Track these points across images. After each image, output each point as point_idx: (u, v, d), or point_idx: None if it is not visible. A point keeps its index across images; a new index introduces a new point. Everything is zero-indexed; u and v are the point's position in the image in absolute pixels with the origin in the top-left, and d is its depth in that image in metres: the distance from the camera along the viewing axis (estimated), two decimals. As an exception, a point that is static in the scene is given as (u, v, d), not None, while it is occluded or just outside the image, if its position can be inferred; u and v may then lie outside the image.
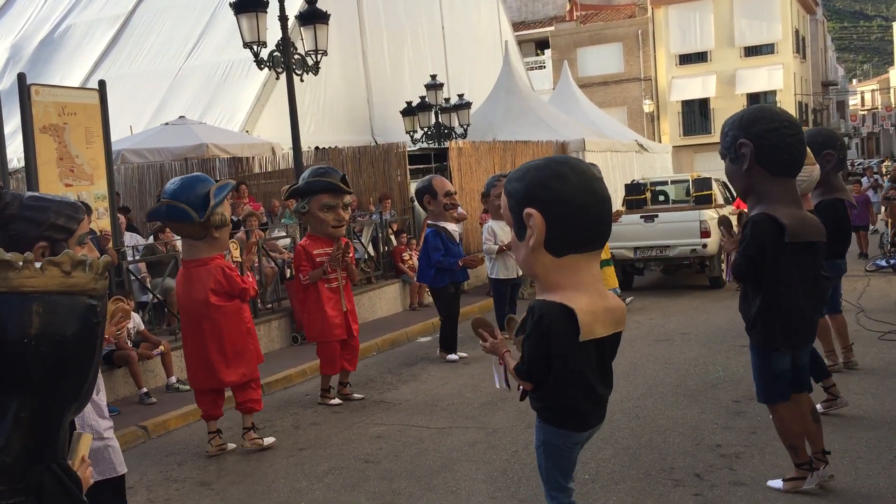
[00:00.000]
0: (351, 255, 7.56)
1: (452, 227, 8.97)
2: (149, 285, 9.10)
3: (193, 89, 18.05)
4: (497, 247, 9.30)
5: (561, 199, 2.95)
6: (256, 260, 9.88)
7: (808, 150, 5.57)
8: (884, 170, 28.36)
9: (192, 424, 7.23)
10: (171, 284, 9.13)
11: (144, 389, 7.73)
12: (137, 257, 9.45)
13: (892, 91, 66.99)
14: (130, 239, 10.12)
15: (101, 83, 8.45)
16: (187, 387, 8.07)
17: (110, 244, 8.06)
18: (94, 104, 8.19)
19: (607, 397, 3.27)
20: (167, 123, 15.04)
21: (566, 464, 3.32)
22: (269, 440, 6.36)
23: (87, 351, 1.79)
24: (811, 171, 5.57)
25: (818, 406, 5.93)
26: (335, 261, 7.25)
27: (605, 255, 11.11)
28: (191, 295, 6.10)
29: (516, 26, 37.30)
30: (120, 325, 4.38)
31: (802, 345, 4.62)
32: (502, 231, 9.04)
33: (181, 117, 15.30)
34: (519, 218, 3.01)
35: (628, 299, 11.50)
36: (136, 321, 8.05)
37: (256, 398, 6.37)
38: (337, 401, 7.49)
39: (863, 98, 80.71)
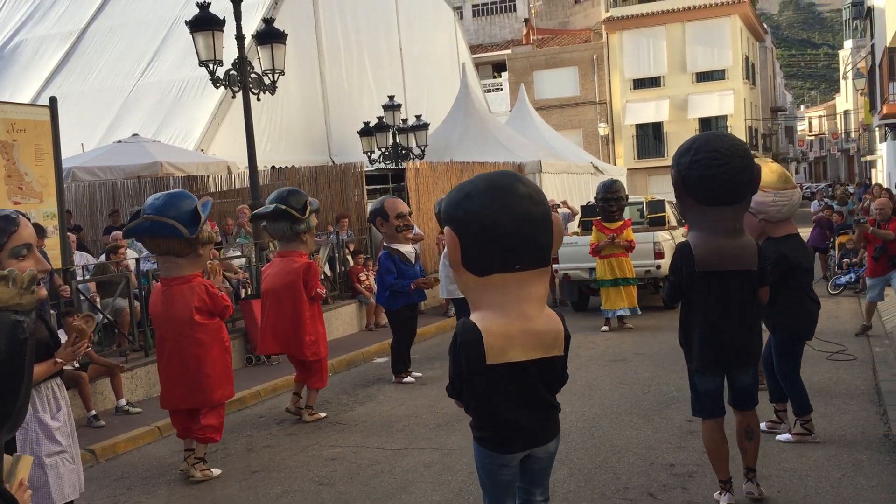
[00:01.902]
0: None
1: (407, 249, 8.92)
2: (98, 305, 8.91)
3: (148, 107, 17.85)
4: None
5: (470, 218, 2.95)
6: (224, 281, 9.80)
7: (786, 174, 5.69)
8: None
9: (141, 448, 7.08)
10: (123, 305, 8.98)
11: (93, 412, 7.54)
12: (87, 277, 9.26)
13: (837, 117, 68.85)
14: (80, 258, 9.92)
15: (53, 100, 8.31)
16: (137, 409, 7.93)
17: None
18: (44, 121, 8.04)
19: (537, 422, 3.15)
20: (120, 141, 14.84)
21: (494, 484, 3.24)
22: (216, 471, 6.16)
23: (15, 369, 1.72)
24: (791, 195, 5.63)
25: (762, 424, 6.04)
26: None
27: (624, 273, 11.06)
28: (171, 313, 5.95)
29: (474, 49, 37.63)
30: (77, 348, 4.22)
31: (732, 367, 4.69)
32: None
33: (134, 135, 15.11)
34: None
35: (627, 325, 11.38)
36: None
37: (218, 427, 6.15)
38: (324, 414, 7.65)
39: (810, 123, 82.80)
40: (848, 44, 54.93)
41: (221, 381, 6.09)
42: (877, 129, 34.13)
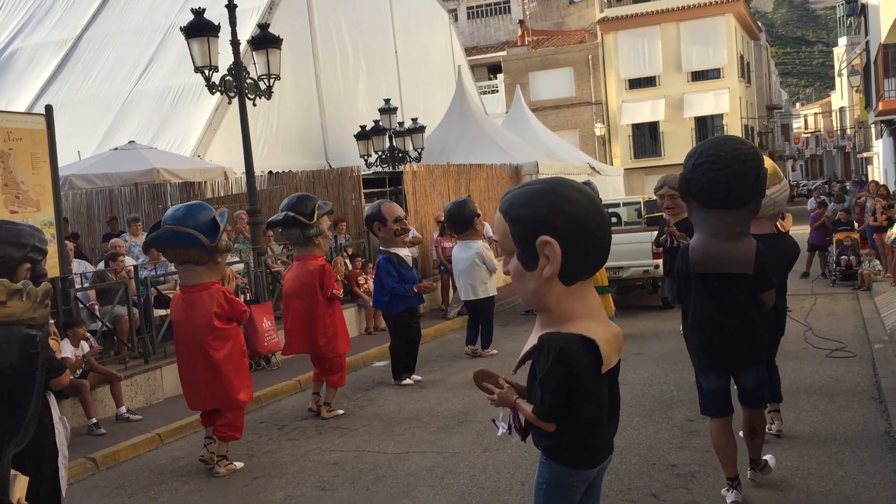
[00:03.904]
0: None
1: (405, 253, 8.94)
2: (97, 313, 8.90)
3: (143, 114, 17.83)
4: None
5: (576, 225, 2.76)
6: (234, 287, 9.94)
7: (772, 175, 5.64)
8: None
9: (142, 455, 7.07)
10: (121, 312, 8.96)
11: (94, 420, 7.53)
12: (86, 284, 9.24)
13: (833, 114, 68.92)
14: (78, 266, 9.90)
15: (48, 108, 8.30)
16: (138, 416, 7.92)
17: None
18: (40, 129, 8.03)
19: (616, 428, 3.07)
20: (116, 148, 14.80)
21: (574, 500, 3.03)
22: (239, 464, 6.47)
23: (26, 383, 1.69)
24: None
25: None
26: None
27: (604, 281, 10.92)
28: (192, 319, 6.23)
29: (469, 51, 37.64)
30: None
31: (732, 368, 4.74)
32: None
33: (131, 142, 15.07)
34: (528, 247, 2.77)
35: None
36: (84, 349, 7.85)
37: (238, 425, 6.47)
38: (342, 411, 7.83)
39: (806, 121, 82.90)
40: (842, 41, 54.98)
41: (242, 381, 6.41)
42: (872, 125, 34.18)
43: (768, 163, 5.74)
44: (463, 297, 10.50)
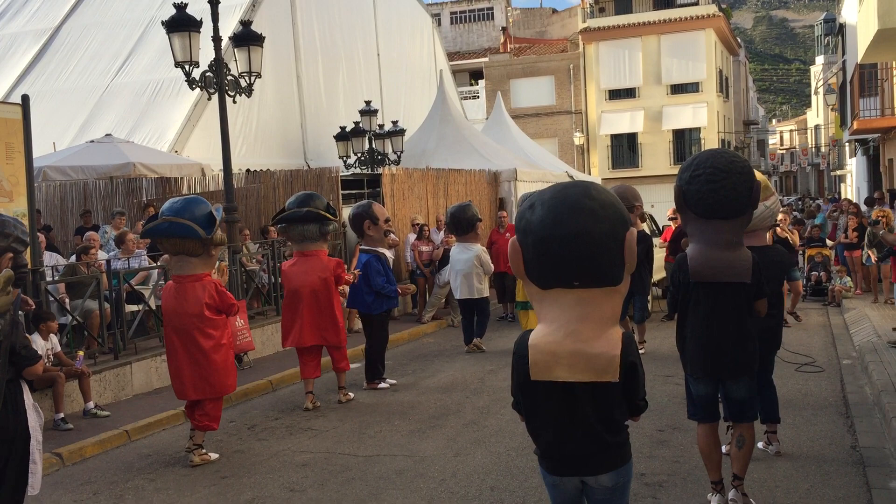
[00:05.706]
0: None
1: (389, 254, 9.01)
2: (68, 307, 8.79)
3: (121, 107, 17.66)
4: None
5: (529, 230, 2.95)
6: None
7: (765, 188, 5.69)
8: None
9: (109, 452, 6.99)
10: (92, 306, 8.86)
11: (61, 415, 7.43)
12: (56, 277, 9.13)
13: (808, 132, 69.76)
14: (50, 259, 9.78)
15: (25, 98, 8.20)
16: (105, 412, 7.83)
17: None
18: (16, 119, 7.93)
19: (583, 450, 2.96)
20: (92, 141, 14.66)
21: (552, 501, 3.17)
22: (214, 455, 6.59)
23: None
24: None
25: (759, 444, 6.06)
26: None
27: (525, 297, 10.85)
28: (183, 308, 6.42)
29: (451, 56, 37.70)
30: None
31: (723, 376, 4.81)
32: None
33: (108, 135, 14.94)
34: None
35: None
36: (53, 342, 7.76)
37: (215, 416, 6.63)
38: (353, 394, 8.36)
39: (781, 137, 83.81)
40: (819, 59, 55.69)
41: (228, 373, 6.56)
42: (847, 144, 34.64)
43: (759, 176, 5.81)
44: (460, 296, 10.84)
